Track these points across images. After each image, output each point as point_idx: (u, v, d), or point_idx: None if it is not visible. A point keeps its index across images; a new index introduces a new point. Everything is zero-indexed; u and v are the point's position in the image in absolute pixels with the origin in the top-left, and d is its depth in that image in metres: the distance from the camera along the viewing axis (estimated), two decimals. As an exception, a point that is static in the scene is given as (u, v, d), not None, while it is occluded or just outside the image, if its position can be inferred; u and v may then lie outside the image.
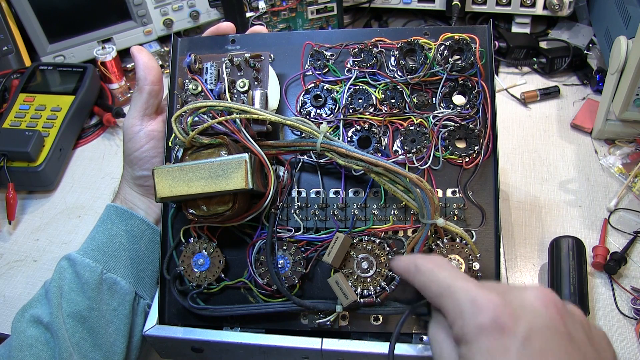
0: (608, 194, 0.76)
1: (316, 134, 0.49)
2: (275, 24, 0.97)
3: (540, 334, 0.32)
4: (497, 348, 0.32)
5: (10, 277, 0.73)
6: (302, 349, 0.50)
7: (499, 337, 0.32)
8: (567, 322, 0.34)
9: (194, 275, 0.52)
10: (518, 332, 0.32)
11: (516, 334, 0.32)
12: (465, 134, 0.53)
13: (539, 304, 0.34)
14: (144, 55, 0.59)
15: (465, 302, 0.35)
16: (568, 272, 0.63)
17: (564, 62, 0.93)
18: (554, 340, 0.33)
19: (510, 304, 0.34)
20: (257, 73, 0.54)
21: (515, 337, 0.32)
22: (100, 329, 0.53)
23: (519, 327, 0.33)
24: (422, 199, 0.47)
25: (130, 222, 0.59)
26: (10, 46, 0.95)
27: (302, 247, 0.52)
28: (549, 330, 0.33)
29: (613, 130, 0.80)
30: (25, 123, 0.84)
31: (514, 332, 0.32)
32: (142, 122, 0.59)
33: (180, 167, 0.48)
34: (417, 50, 0.54)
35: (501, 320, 0.33)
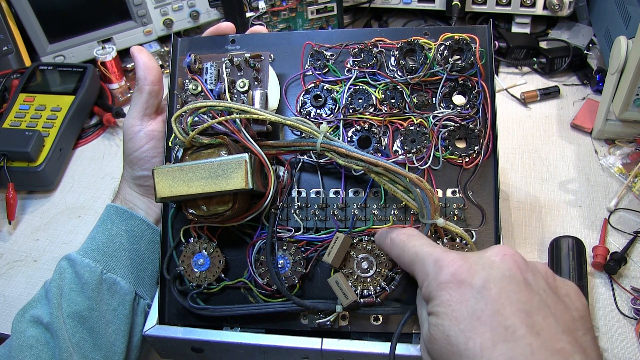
0: (608, 194, 0.76)
1: (316, 134, 0.49)
2: (275, 24, 0.97)
3: (496, 282, 0.34)
4: (455, 298, 0.34)
5: (10, 277, 0.73)
6: (302, 349, 0.50)
7: (457, 289, 0.34)
8: (525, 271, 0.35)
9: (194, 275, 0.52)
10: (474, 282, 0.34)
11: (473, 284, 0.34)
12: (465, 134, 0.53)
13: (496, 258, 0.36)
14: (144, 55, 0.59)
15: (430, 264, 0.37)
16: (568, 272, 0.63)
17: (564, 62, 0.93)
18: (509, 286, 0.34)
19: (470, 261, 0.36)
20: (257, 73, 0.54)
21: (472, 287, 0.34)
22: (100, 329, 0.53)
23: (475, 279, 0.34)
24: (422, 199, 0.47)
25: (130, 222, 0.59)
26: (10, 46, 0.95)
27: (302, 247, 0.52)
28: (505, 279, 0.34)
29: (613, 130, 0.80)
30: (25, 123, 0.84)
31: (470, 283, 0.34)
32: (142, 122, 0.59)
33: (180, 167, 0.48)
34: (417, 50, 0.54)
35: (459, 274, 0.35)
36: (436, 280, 0.36)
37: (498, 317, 0.32)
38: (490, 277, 0.34)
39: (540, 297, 0.34)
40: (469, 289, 0.34)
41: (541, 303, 0.33)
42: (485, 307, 0.33)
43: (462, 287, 0.34)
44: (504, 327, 0.32)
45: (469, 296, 0.34)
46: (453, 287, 0.35)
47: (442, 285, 0.35)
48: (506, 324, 0.32)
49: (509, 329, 0.31)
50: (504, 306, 0.33)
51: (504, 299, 0.33)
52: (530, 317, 0.32)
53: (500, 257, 0.36)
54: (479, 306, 0.33)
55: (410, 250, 0.40)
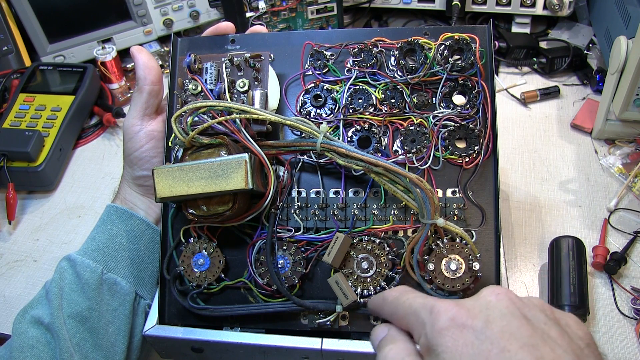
0: (608, 194, 0.76)
1: (316, 134, 0.49)
2: (275, 24, 0.97)
3: (496, 321, 0.34)
4: (459, 342, 0.34)
5: (10, 277, 0.73)
6: (302, 349, 0.50)
7: (459, 333, 0.34)
8: (522, 307, 0.35)
9: (194, 275, 0.52)
10: (475, 324, 0.34)
11: (474, 326, 0.34)
12: (465, 134, 0.53)
13: (491, 298, 0.36)
14: (144, 55, 0.59)
15: (425, 313, 0.37)
16: (568, 272, 0.63)
17: (564, 62, 0.93)
18: (511, 323, 0.34)
19: (465, 305, 0.36)
20: (257, 73, 0.54)
21: (474, 329, 0.34)
22: (100, 329, 0.53)
23: (475, 321, 0.34)
24: (422, 199, 0.47)
25: (130, 222, 0.59)
26: (10, 46, 0.95)
27: (302, 247, 0.52)
28: (505, 317, 0.34)
29: (613, 130, 0.80)
30: (25, 123, 0.84)
31: (472, 325, 0.34)
32: (142, 122, 0.59)
33: (180, 167, 0.48)
34: (417, 50, 0.54)
35: (459, 318, 0.35)
36: (436, 327, 0.35)
37: (506, 354, 0.32)
38: (490, 317, 0.34)
39: (543, 330, 0.34)
40: (471, 331, 0.34)
41: (545, 336, 0.33)
42: (492, 346, 0.32)
43: (464, 330, 0.34)
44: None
45: (472, 338, 0.33)
46: (455, 332, 0.34)
47: (443, 332, 0.34)
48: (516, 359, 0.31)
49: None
50: (510, 343, 0.32)
51: (508, 336, 0.33)
52: (537, 349, 0.32)
53: (494, 296, 0.36)
54: (484, 346, 0.33)
55: (404, 304, 0.39)
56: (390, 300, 0.41)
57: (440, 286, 0.48)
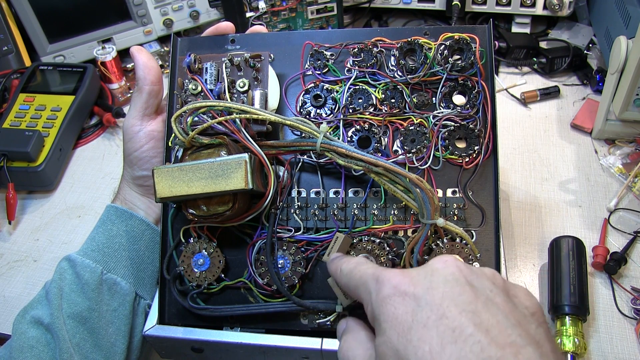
0: (608, 194, 0.76)
1: (316, 134, 0.49)
2: (275, 24, 0.97)
3: (438, 287, 0.33)
4: (400, 310, 0.33)
5: (10, 277, 0.73)
6: (302, 349, 0.50)
7: (400, 301, 0.33)
8: (468, 275, 0.34)
9: (194, 275, 0.52)
10: (417, 291, 0.33)
11: (416, 294, 0.33)
12: (465, 134, 0.53)
13: (438, 265, 0.35)
14: (144, 55, 0.59)
15: (372, 283, 0.36)
16: (568, 272, 0.63)
17: (564, 62, 0.93)
18: (453, 289, 0.33)
19: (410, 274, 0.35)
20: (257, 73, 0.54)
21: (415, 296, 0.33)
22: (100, 329, 0.53)
23: (418, 288, 0.34)
24: (422, 199, 0.47)
25: (130, 222, 0.59)
26: (10, 46, 0.95)
27: (302, 247, 0.52)
28: (448, 283, 0.33)
29: (613, 130, 0.80)
30: (25, 123, 0.84)
31: (413, 293, 0.33)
32: (142, 122, 0.59)
33: (180, 167, 0.48)
34: (417, 50, 0.54)
35: (401, 286, 0.34)
36: (379, 296, 0.35)
37: (444, 320, 0.31)
38: (433, 283, 0.34)
39: (487, 297, 0.33)
40: (412, 298, 0.33)
41: (488, 302, 0.33)
42: (431, 313, 0.32)
43: (406, 298, 0.33)
44: (451, 329, 0.31)
45: (413, 305, 0.33)
46: (396, 300, 0.34)
47: (385, 300, 0.34)
48: (453, 326, 0.31)
49: (457, 330, 0.31)
50: (449, 309, 0.32)
51: (448, 302, 0.32)
52: (478, 315, 0.31)
53: (441, 264, 0.35)
54: (424, 313, 0.32)
55: (356, 275, 0.39)
56: (345, 272, 0.41)
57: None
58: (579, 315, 0.60)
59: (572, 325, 0.59)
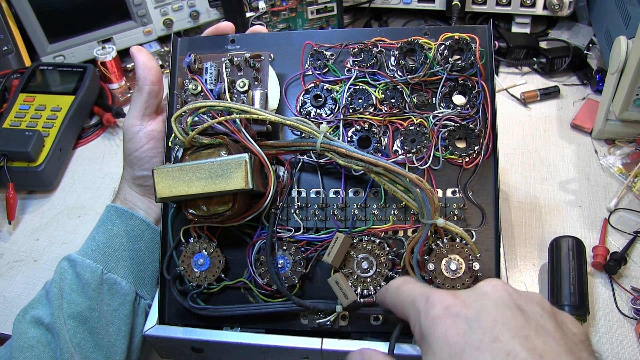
0: (608, 194, 0.76)
1: (316, 134, 0.49)
2: (275, 24, 0.97)
3: (490, 311, 0.34)
4: (451, 331, 0.33)
5: (10, 277, 0.73)
6: (302, 349, 0.50)
7: (451, 322, 0.34)
8: (518, 299, 0.35)
9: (194, 275, 0.52)
10: (468, 314, 0.34)
11: (467, 315, 0.34)
12: (465, 134, 0.53)
13: (488, 289, 0.36)
14: (144, 55, 0.59)
15: (421, 302, 0.37)
16: (568, 272, 0.63)
17: (564, 62, 0.93)
18: (504, 313, 0.33)
19: (461, 296, 0.36)
20: (257, 73, 0.54)
21: (466, 318, 0.34)
22: (101, 329, 0.53)
23: (469, 310, 0.34)
24: (422, 199, 0.47)
25: (130, 222, 0.59)
26: (10, 46, 0.95)
27: (302, 247, 0.52)
28: (499, 307, 0.34)
29: (613, 130, 0.80)
30: (25, 123, 0.84)
31: (465, 315, 0.34)
32: (142, 122, 0.59)
33: (180, 167, 0.48)
34: (417, 50, 0.54)
35: (453, 308, 0.34)
36: (429, 316, 0.35)
37: (497, 344, 0.32)
38: (484, 306, 0.34)
39: (537, 322, 0.33)
40: (464, 320, 0.33)
41: (539, 327, 0.33)
42: (483, 336, 0.32)
43: (457, 319, 0.34)
44: (505, 353, 0.31)
45: (464, 327, 0.33)
46: (447, 321, 0.34)
47: (436, 320, 0.34)
48: (507, 350, 0.31)
49: (511, 354, 0.31)
50: (501, 333, 0.32)
51: (501, 326, 0.32)
52: (530, 341, 0.32)
53: (491, 287, 0.36)
54: (476, 336, 0.32)
55: (404, 293, 0.40)
56: (392, 290, 0.42)
57: (440, 286, 0.48)
58: (579, 315, 0.60)
59: (572, 325, 0.59)
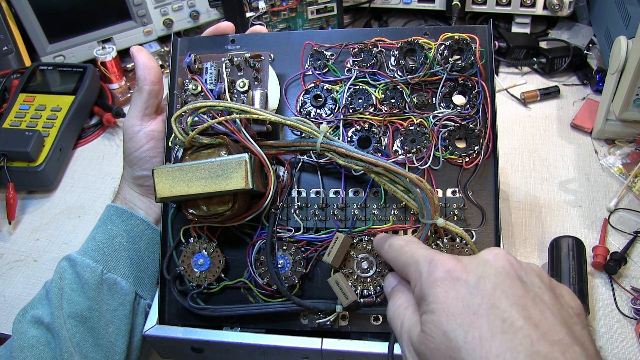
0: (608, 194, 0.76)
1: (316, 134, 0.49)
2: (275, 24, 0.97)
3: (490, 278, 0.34)
4: (451, 294, 0.34)
5: (10, 277, 0.73)
6: (302, 349, 0.50)
7: (452, 285, 0.35)
8: (519, 269, 0.36)
9: (194, 275, 0.52)
10: (469, 279, 0.35)
11: (468, 280, 0.34)
12: (465, 134, 0.53)
13: (489, 257, 0.36)
14: (144, 55, 0.59)
15: (424, 264, 0.37)
16: (568, 272, 0.63)
17: (564, 62, 0.93)
18: (504, 282, 0.34)
19: (463, 261, 0.36)
20: (257, 73, 0.54)
21: (467, 283, 0.34)
22: (100, 329, 0.53)
23: (470, 275, 0.35)
24: (422, 199, 0.47)
25: (130, 222, 0.59)
26: (10, 46, 0.95)
27: (302, 247, 0.52)
28: (500, 275, 0.35)
29: (613, 130, 0.80)
30: (25, 123, 0.84)
31: (465, 279, 0.35)
32: (142, 122, 0.59)
33: (180, 167, 0.48)
34: (417, 50, 0.54)
35: (454, 272, 0.35)
36: (430, 278, 0.36)
37: (495, 310, 0.32)
38: (485, 273, 0.35)
39: (536, 293, 0.34)
40: (464, 285, 0.34)
41: (537, 298, 0.34)
42: (482, 301, 0.33)
43: (457, 283, 0.35)
44: (501, 320, 0.32)
45: (464, 292, 0.34)
46: (448, 284, 0.35)
47: (436, 282, 0.35)
48: (504, 317, 0.32)
49: (507, 321, 0.32)
50: (500, 300, 0.33)
51: (500, 293, 0.33)
52: (527, 310, 0.32)
53: (493, 255, 0.36)
54: (475, 301, 0.33)
55: (407, 253, 0.40)
56: (395, 247, 0.42)
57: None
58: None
59: (572, 325, 0.59)
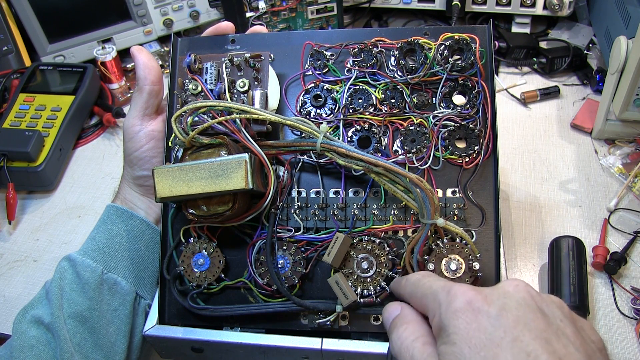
0: (608, 194, 0.76)
1: (316, 134, 0.49)
2: (275, 24, 0.97)
3: (512, 310, 0.34)
4: (472, 325, 0.33)
5: (10, 277, 0.73)
6: (302, 349, 0.50)
7: (473, 317, 0.34)
8: (540, 302, 0.35)
9: (194, 275, 0.52)
10: (491, 310, 0.34)
11: (489, 312, 0.34)
12: (465, 134, 0.53)
13: (510, 288, 0.36)
14: (144, 55, 0.59)
15: (442, 294, 0.37)
16: (568, 272, 0.63)
17: (564, 62, 0.93)
18: (526, 314, 0.33)
19: (483, 292, 0.36)
20: (257, 73, 0.54)
21: (488, 315, 0.34)
22: (101, 329, 0.53)
23: (491, 307, 0.34)
24: (422, 199, 0.47)
25: (130, 222, 0.59)
26: (10, 46, 0.95)
27: (302, 247, 0.52)
28: (521, 307, 0.34)
29: (613, 130, 0.80)
30: (25, 123, 0.84)
31: (487, 311, 0.34)
32: (142, 122, 0.59)
33: (180, 167, 0.48)
34: (417, 50, 0.54)
35: (475, 302, 0.34)
36: (450, 309, 0.35)
37: (518, 343, 0.32)
38: (506, 305, 0.34)
39: (558, 326, 0.34)
40: (486, 316, 0.33)
41: (559, 331, 0.33)
42: (504, 334, 0.32)
43: (479, 314, 0.34)
44: (525, 353, 0.31)
45: (486, 324, 0.33)
46: (469, 315, 0.34)
47: (457, 314, 0.34)
48: (528, 350, 0.31)
49: (531, 355, 0.31)
50: (523, 333, 0.32)
51: (522, 326, 0.33)
52: (551, 344, 0.32)
53: (513, 287, 0.36)
54: (497, 333, 0.32)
55: (424, 285, 0.40)
56: (412, 281, 0.42)
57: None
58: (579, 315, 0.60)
59: (572, 325, 0.59)
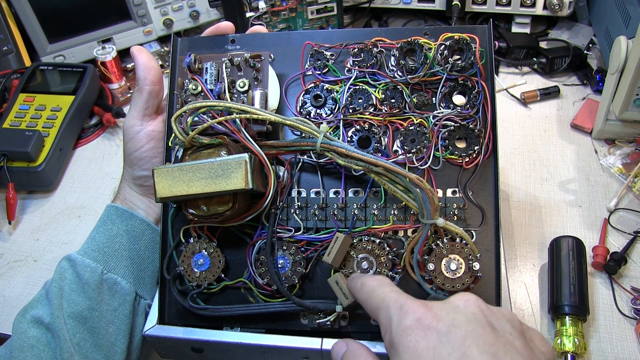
0: (608, 194, 0.76)
1: (316, 134, 0.49)
2: (275, 24, 0.97)
3: (461, 326, 0.34)
4: (421, 343, 0.34)
5: (10, 277, 0.73)
6: (302, 349, 0.50)
7: (422, 334, 0.34)
8: (489, 316, 0.35)
9: (194, 275, 0.52)
10: (440, 327, 0.34)
11: (438, 329, 0.34)
12: (465, 134, 0.53)
13: (460, 303, 0.36)
14: (144, 55, 0.59)
15: (394, 310, 0.37)
16: (568, 272, 0.63)
17: (564, 62, 0.93)
18: (475, 330, 0.34)
19: (433, 308, 0.36)
20: (257, 73, 0.54)
21: (437, 332, 0.34)
22: (101, 329, 0.53)
23: (440, 323, 0.34)
24: (422, 199, 0.47)
25: (130, 222, 0.59)
26: (10, 46, 0.95)
27: (302, 247, 0.52)
28: (470, 322, 0.34)
29: (613, 130, 0.80)
30: (25, 123, 0.84)
31: (436, 328, 0.34)
32: (142, 122, 0.59)
33: (180, 167, 0.48)
34: (417, 50, 0.54)
35: (425, 320, 0.35)
36: (401, 326, 0.35)
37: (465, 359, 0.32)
38: (455, 321, 0.34)
39: (507, 340, 0.34)
40: (435, 333, 0.34)
41: (508, 345, 0.33)
42: (452, 350, 0.33)
43: (428, 332, 0.34)
44: None
45: (435, 341, 0.33)
46: (419, 333, 0.34)
47: (407, 331, 0.35)
48: None
49: None
50: (470, 348, 0.32)
51: (470, 342, 0.33)
52: (498, 358, 0.32)
53: (463, 302, 0.36)
54: (445, 350, 0.33)
55: (378, 296, 0.40)
56: (367, 288, 0.42)
57: (440, 286, 0.48)
58: (579, 315, 0.60)
59: (572, 325, 0.59)
